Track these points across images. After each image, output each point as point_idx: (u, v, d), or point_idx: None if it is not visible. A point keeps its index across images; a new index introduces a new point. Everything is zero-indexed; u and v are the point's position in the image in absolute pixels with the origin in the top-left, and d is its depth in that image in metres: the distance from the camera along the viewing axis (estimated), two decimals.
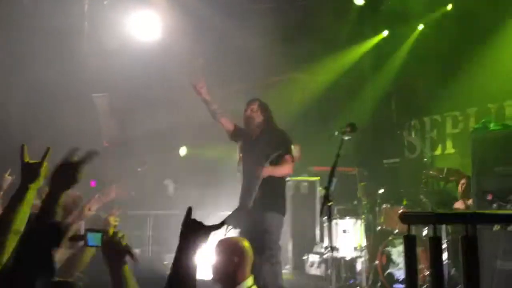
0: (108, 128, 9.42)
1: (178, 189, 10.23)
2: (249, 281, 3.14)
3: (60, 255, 3.50)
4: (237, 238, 3.23)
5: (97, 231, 2.27)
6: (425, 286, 6.19)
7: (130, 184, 9.20)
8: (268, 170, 5.07)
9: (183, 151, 10.42)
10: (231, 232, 5.17)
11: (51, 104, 8.44)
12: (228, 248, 3.15)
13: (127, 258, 2.18)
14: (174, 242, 7.12)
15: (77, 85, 8.64)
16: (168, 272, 6.40)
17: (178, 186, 10.23)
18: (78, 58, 8.64)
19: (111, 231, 2.20)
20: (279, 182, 5.35)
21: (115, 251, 2.15)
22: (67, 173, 2.10)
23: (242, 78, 9.81)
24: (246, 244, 3.20)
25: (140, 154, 9.67)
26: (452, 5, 7.93)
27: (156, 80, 9.33)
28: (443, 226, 6.41)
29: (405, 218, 2.54)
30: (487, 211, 2.39)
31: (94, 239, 2.24)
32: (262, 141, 5.32)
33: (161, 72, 9.13)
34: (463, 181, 6.66)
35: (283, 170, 5.28)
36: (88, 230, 2.31)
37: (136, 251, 9.45)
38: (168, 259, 9.42)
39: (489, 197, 5.31)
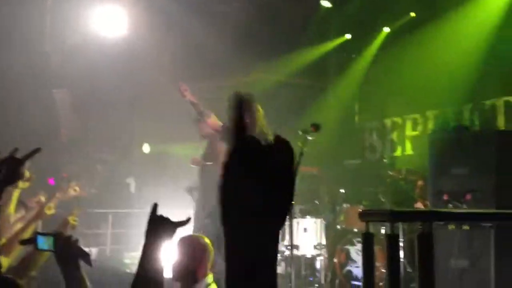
0: (68, 124, 9.26)
1: (140, 187, 10.14)
2: (209, 278, 3.14)
3: (16, 254, 3.43)
4: (198, 235, 3.24)
5: (49, 234, 2.19)
6: (381, 283, 6.32)
7: (90, 181, 9.08)
8: None
9: (146, 148, 10.32)
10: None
11: (13, 100, 8.26)
12: (190, 245, 3.14)
13: (82, 262, 2.14)
14: (135, 240, 7.08)
15: (39, 81, 8.47)
16: (128, 270, 6.31)
17: (140, 184, 10.14)
18: (41, 53, 8.48)
19: (64, 235, 2.16)
20: None
21: (68, 255, 2.11)
22: (10, 168, 2.07)
23: (206, 77, 9.79)
24: (207, 241, 3.21)
25: (101, 152, 9.55)
26: (415, 13, 8.13)
27: (120, 76, 9.23)
28: (400, 226, 6.57)
29: (363, 215, 2.60)
30: (442, 210, 2.47)
31: (45, 242, 2.17)
32: None
33: (126, 68, 9.04)
34: (420, 182, 6.83)
35: None
36: (38, 233, 2.23)
37: (95, 249, 9.31)
38: (128, 258, 9.33)
39: (445, 197, 5.47)
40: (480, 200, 5.20)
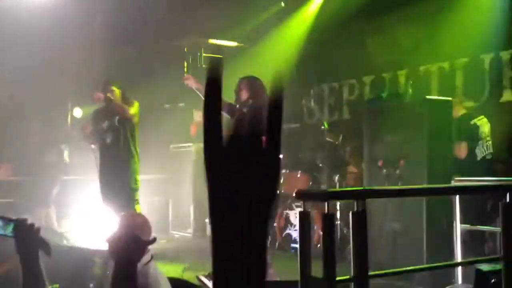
0: None
1: (73, 154, 9.85)
2: (148, 256, 3.11)
3: None
4: (137, 213, 3.18)
5: (10, 220, 2.09)
6: (319, 245, 6.49)
7: (22, 150, 8.76)
8: None
9: (78, 112, 9.93)
10: None
11: None
12: (130, 224, 3.09)
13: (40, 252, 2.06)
14: (66, 208, 6.86)
15: None
16: (65, 241, 6.16)
17: (73, 151, 9.85)
18: None
19: (27, 222, 2.06)
20: None
21: (29, 244, 2.03)
22: None
23: (142, 39, 9.53)
24: (145, 219, 3.16)
25: (29, 119, 9.17)
26: None
27: (50, 39, 8.81)
28: (336, 179, 6.75)
29: (300, 195, 2.63)
30: (375, 187, 2.54)
31: (4, 227, 2.07)
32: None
33: (55, 31, 8.63)
34: (348, 148, 7.00)
35: None
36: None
37: (28, 217, 9.05)
38: (63, 225, 9.16)
39: (380, 163, 5.63)
40: (413, 165, 5.38)
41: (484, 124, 6.25)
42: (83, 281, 4.24)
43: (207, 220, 8.46)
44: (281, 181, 7.44)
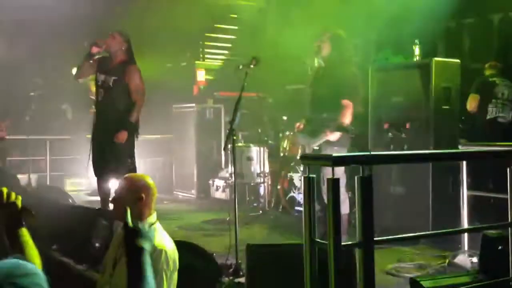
0: None
1: (76, 113, 9.82)
2: (153, 217, 3.10)
3: None
4: (142, 174, 3.15)
5: None
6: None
7: (25, 109, 8.72)
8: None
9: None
10: None
11: None
12: (134, 185, 3.06)
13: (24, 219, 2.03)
14: (74, 166, 6.82)
15: None
16: (70, 200, 6.13)
17: (76, 110, 9.82)
18: None
19: (4, 194, 2.03)
20: None
21: (8, 215, 2.01)
22: None
23: None
24: (151, 180, 3.13)
25: (32, 77, 9.09)
26: None
27: None
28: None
29: (304, 159, 2.58)
30: (382, 153, 2.50)
31: None
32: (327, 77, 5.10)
33: None
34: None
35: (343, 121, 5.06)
36: None
37: (34, 176, 9.13)
38: (68, 184, 9.22)
39: (385, 126, 5.57)
40: (419, 129, 5.32)
41: (504, 86, 6.17)
42: (89, 241, 4.26)
43: (210, 181, 8.49)
44: (285, 143, 7.40)
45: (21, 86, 9.02)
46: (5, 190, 2.05)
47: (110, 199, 3.58)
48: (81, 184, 9.30)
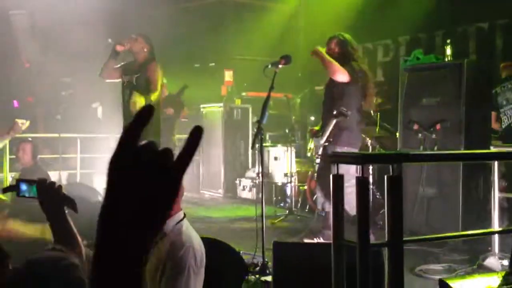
0: (28, 48, 8.85)
1: (107, 112, 9.96)
2: (180, 214, 3.12)
3: None
4: None
5: (31, 181, 2.14)
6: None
7: (56, 107, 8.87)
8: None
9: None
10: None
11: None
12: None
13: (66, 208, 2.08)
14: (103, 165, 6.89)
15: None
16: (100, 197, 6.27)
17: (106, 109, 9.96)
18: None
19: (46, 181, 2.09)
20: None
21: (52, 202, 2.03)
22: None
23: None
24: None
25: (63, 76, 9.25)
26: None
27: None
28: (369, 143, 6.65)
29: (333, 158, 2.57)
30: (413, 151, 2.47)
31: (28, 190, 2.13)
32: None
33: None
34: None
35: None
36: (20, 180, 2.17)
37: (65, 173, 9.28)
38: (97, 182, 9.35)
39: (415, 127, 5.49)
40: (449, 130, 5.24)
41: (506, 91, 5.99)
42: None
43: (237, 181, 8.51)
44: (312, 143, 7.36)
45: (52, 86, 9.19)
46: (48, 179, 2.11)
47: None
48: None
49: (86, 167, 9.59)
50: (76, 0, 8.57)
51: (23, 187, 2.15)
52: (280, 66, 4.33)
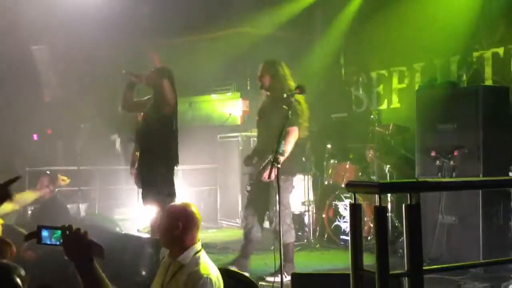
0: (48, 82, 9.04)
1: (125, 144, 10.06)
2: (198, 246, 3.12)
3: None
4: (185, 203, 3.19)
5: (55, 228, 2.05)
6: (370, 237, 6.38)
7: (75, 139, 8.98)
8: (264, 174, 4.92)
9: None
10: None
11: None
12: (174, 213, 3.11)
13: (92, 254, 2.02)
14: (122, 196, 6.95)
15: (14, 36, 8.21)
16: (118, 228, 6.27)
17: (124, 141, 10.06)
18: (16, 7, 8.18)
19: (72, 227, 2.00)
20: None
21: (79, 248, 1.98)
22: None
23: (187, 30, 9.58)
24: (193, 209, 3.17)
25: (82, 109, 9.40)
26: None
27: (99, 30, 8.97)
28: (387, 170, 6.60)
29: (350, 187, 2.55)
30: (430, 179, 2.44)
31: (49, 236, 2.04)
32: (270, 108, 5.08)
33: (104, 22, 8.77)
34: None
35: (286, 150, 4.91)
36: (42, 226, 2.08)
37: (83, 206, 9.34)
38: (118, 214, 9.40)
39: (433, 153, 5.46)
40: (468, 156, 5.20)
41: None
42: (136, 269, 4.30)
43: None
44: (330, 171, 7.35)
45: (72, 119, 9.33)
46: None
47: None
48: (129, 213, 9.45)
49: (105, 199, 9.65)
50: (95, 33, 8.75)
51: (45, 233, 2.07)
52: (295, 95, 4.37)
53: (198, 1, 8.58)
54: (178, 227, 3.00)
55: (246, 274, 4.12)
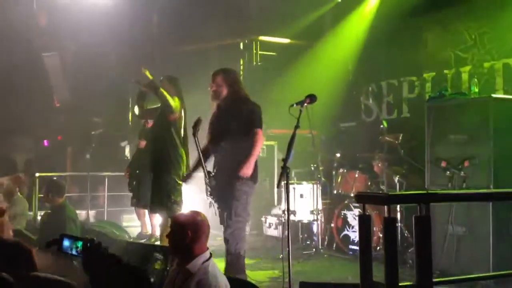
0: (59, 88, 9.11)
1: (134, 150, 10.10)
2: (207, 254, 3.12)
3: None
4: (193, 211, 3.19)
5: (77, 238, 2.07)
6: (379, 247, 6.34)
7: (86, 146, 9.03)
8: (245, 171, 5.00)
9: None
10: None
11: (3, 64, 8.10)
12: (182, 222, 3.12)
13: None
14: (129, 203, 6.97)
15: (26, 43, 8.30)
16: (126, 236, 6.31)
17: (134, 147, 10.10)
18: (26, 14, 8.27)
19: (94, 241, 2.02)
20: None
21: (98, 262, 1.99)
22: None
23: (196, 38, 9.63)
24: (202, 217, 3.17)
25: (92, 115, 9.46)
26: None
27: (110, 37, 9.04)
28: (396, 180, 6.56)
29: (359, 198, 2.55)
30: (440, 191, 2.43)
31: (71, 246, 2.06)
32: (230, 115, 5.10)
33: (112, 28, 8.84)
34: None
35: (256, 151, 5.09)
36: (64, 235, 2.10)
37: (92, 212, 9.39)
38: (125, 220, 9.42)
39: (443, 164, 5.43)
40: (478, 167, 5.17)
41: None
42: (145, 276, 4.30)
43: (262, 219, 8.47)
44: (339, 180, 7.33)
45: (82, 126, 9.39)
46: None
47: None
48: (137, 220, 9.48)
49: (114, 205, 9.68)
50: (105, 40, 8.82)
51: (66, 242, 2.08)
52: (305, 104, 4.37)
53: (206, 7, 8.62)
54: (187, 235, 3.01)
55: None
